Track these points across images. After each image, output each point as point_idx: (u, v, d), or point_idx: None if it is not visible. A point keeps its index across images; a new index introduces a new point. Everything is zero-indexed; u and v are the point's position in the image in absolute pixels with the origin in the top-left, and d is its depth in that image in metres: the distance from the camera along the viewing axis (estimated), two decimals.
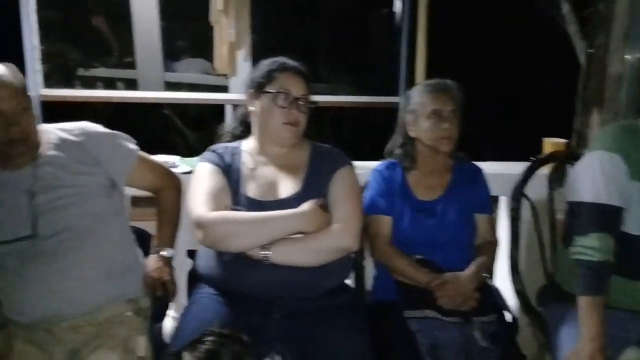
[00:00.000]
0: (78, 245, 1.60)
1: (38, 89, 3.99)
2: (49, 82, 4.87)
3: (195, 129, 5.85)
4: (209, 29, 3.63)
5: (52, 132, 1.69)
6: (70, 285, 1.57)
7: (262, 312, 1.60)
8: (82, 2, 6.02)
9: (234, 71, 3.52)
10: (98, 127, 1.76)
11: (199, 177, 1.70)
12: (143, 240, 1.85)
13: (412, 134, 1.92)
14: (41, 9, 4.21)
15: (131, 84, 6.03)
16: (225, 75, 3.90)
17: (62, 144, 1.67)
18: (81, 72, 6.04)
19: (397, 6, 3.76)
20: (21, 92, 1.58)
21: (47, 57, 4.70)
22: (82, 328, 1.58)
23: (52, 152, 1.65)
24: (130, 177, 1.76)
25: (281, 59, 1.79)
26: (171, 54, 6.25)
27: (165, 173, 1.88)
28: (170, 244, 1.83)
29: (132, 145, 1.78)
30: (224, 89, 5.17)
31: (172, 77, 6.17)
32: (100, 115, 5.56)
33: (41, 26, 4.13)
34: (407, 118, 1.93)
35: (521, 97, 5.37)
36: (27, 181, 1.60)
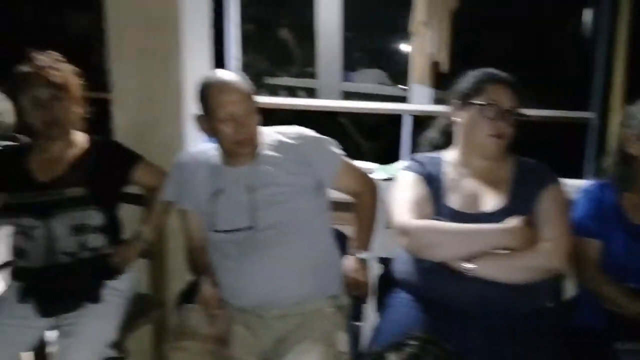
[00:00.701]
0: (290, 239, 1.73)
1: None
2: None
3: (368, 138, 5.98)
4: (386, 40, 3.71)
5: (271, 134, 1.85)
6: (282, 276, 1.70)
7: (461, 324, 1.59)
8: (273, 16, 6.46)
9: (431, 82, 3.57)
10: (311, 132, 1.88)
11: (403, 185, 1.74)
12: (340, 241, 1.95)
13: (632, 152, 1.78)
14: (243, 22, 4.60)
15: (310, 93, 6.34)
16: (401, 85, 3.95)
17: (280, 146, 1.82)
18: (267, 80, 6.50)
19: (588, 15, 3.54)
20: (250, 97, 1.75)
21: (243, 68, 5.13)
22: (289, 318, 1.70)
23: (270, 152, 1.80)
24: (335, 179, 1.86)
25: (489, 70, 1.76)
26: (349, 64, 6.45)
27: (364, 177, 1.96)
28: (367, 246, 1.90)
29: (338, 150, 1.88)
30: (399, 99, 5.23)
31: (349, 86, 6.36)
32: (281, 121, 5.94)
33: (241, 39, 4.49)
34: (626, 134, 1.79)
35: None
36: (247, 177, 1.77)
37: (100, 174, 1.88)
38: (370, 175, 2.02)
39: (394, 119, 4.09)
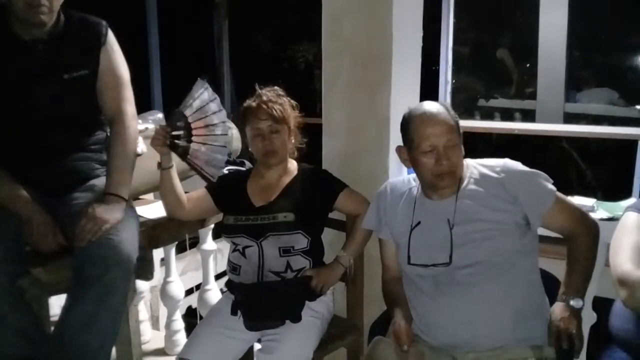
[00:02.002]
0: (488, 279, 1.64)
1: None
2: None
3: (594, 166, 5.44)
4: (618, 57, 3.32)
5: (474, 167, 1.78)
6: (479, 318, 1.61)
7: None
8: (491, 36, 6.27)
9: None
10: (518, 165, 1.76)
11: (627, 227, 1.54)
12: (549, 285, 1.78)
13: None
14: (455, 45, 4.57)
15: (528, 115, 5.99)
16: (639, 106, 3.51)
17: (483, 180, 1.74)
18: (482, 103, 6.31)
19: None
20: (454, 129, 1.70)
21: (456, 90, 5.08)
22: None
23: (473, 187, 1.73)
24: (545, 218, 1.71)
25: None
26: (573, 84, 5.97)
27: (582, 217, 1.76)
28: (580, 294, 1.70)
29: (550, 186, 1.73)
30: (633, 121, 4.67)
31: (573, 108, 5.87)
32: (493, 146, 5.69)
33: (455, 61, 4.46)
34: None
35: None
36: (448, 211, 1.72)
37: (307, 200, 1.99)
38: (589, 214, 1.81)
39: (627, 145, 3.65)
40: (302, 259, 1.97)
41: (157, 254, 2.71)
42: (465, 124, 4.67)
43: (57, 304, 2.05)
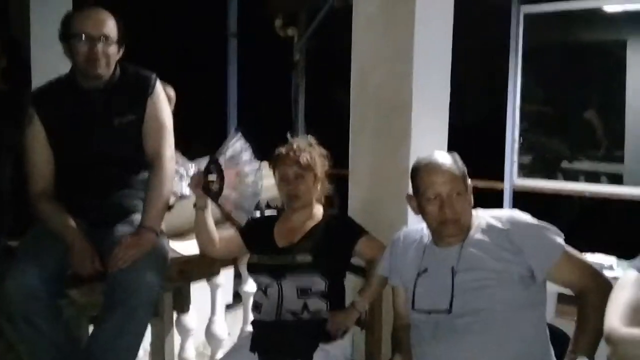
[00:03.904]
0: (486, 329, 1.63)
1: (513, 179, 4.24)
2: (531, 172, 5.11)
3: None
4: None
5: (483, 217, 1.80)
6: None
7: None
8: (578, 97, 6.09)
9: None
10: (526, 217, 1.77)
11: (623, 284, 1.49)
12: (559, 342, 1.73)
13: None
14: (530, 103, 4.53)
15: (615, 179, 5.69)
16: None
17: (489, 229, 1.75)
18: (565, 164, 6.06)
19: None
20: (459, 179, 1.75)
21: (530, 149, 4.98)
22: None
23: (479, 236, 1.75)
24: (551, 272, 1.69)
25: None
26: None
27: (592, 275, 1.71)
28: (587, 353, 1.64)
29: (559, 240, 1.71)
30: None
31: None
32: (574, 208, 5.44)
33: (529, 119, 4.42)
34: None
35: None
36: (452, 259, 1.74)
37: (326, 244, 2.08)
38: (601, 272, 1.76)
39: None
40: (319, 301, 2.04)
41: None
42: (535, 183, 4.58)
43: None
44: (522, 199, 4.51)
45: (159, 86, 2.11)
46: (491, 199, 4.71)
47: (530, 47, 4.51)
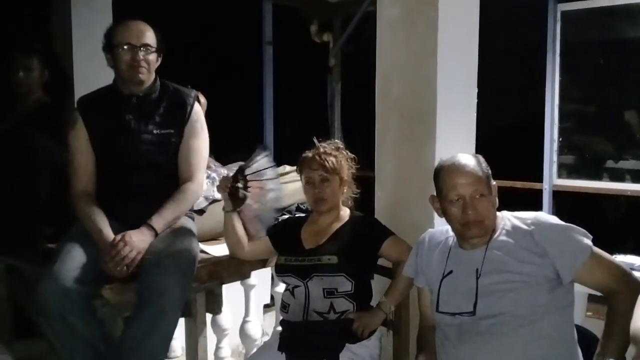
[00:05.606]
0: (510, 331, 1.61)
1: (552, 179, 4.17)
2: (575, 172, 4.99)
3: None
4: None
5: (508, 219, 1.79)
6: None
7: None
8: (618, 97, 5.93)
9: None
10: (552, 219, 1.74)
11: None
12: (587, 343, 1.69)
13: None
14: (571, 103, 4.43)
15: None
16: None
17: (514, 231, 1.74)
18: (610, 164, 5.89)
19: None
20: (482, 180, 1.74)
21: (572, 149, 4.86)
22: None
23: (504, 238, 1.73)
24: (578, 273, 1.66)
25: None
26: None
27: (622, 275, 1.67)
28: (616, 355, 1.60)
29: (586, 241, 1.67)
30: None
31: None
32: (619, 208, 5.28)
33: (572, 119, 4.35)
34: None
35: None
36: (477, 261, 1.73)
37: (352, 245, 2.09)
38: (632, 272, 1.71)
39: None
40: (345, 302, 2.06)
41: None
42: (573, 183, 4.47)
43: None
44: (563, 199, 4.42)
45: (197, 107, 2.21)
46: (530, 200, 4.63)
47: (567, 45, 4.42)
